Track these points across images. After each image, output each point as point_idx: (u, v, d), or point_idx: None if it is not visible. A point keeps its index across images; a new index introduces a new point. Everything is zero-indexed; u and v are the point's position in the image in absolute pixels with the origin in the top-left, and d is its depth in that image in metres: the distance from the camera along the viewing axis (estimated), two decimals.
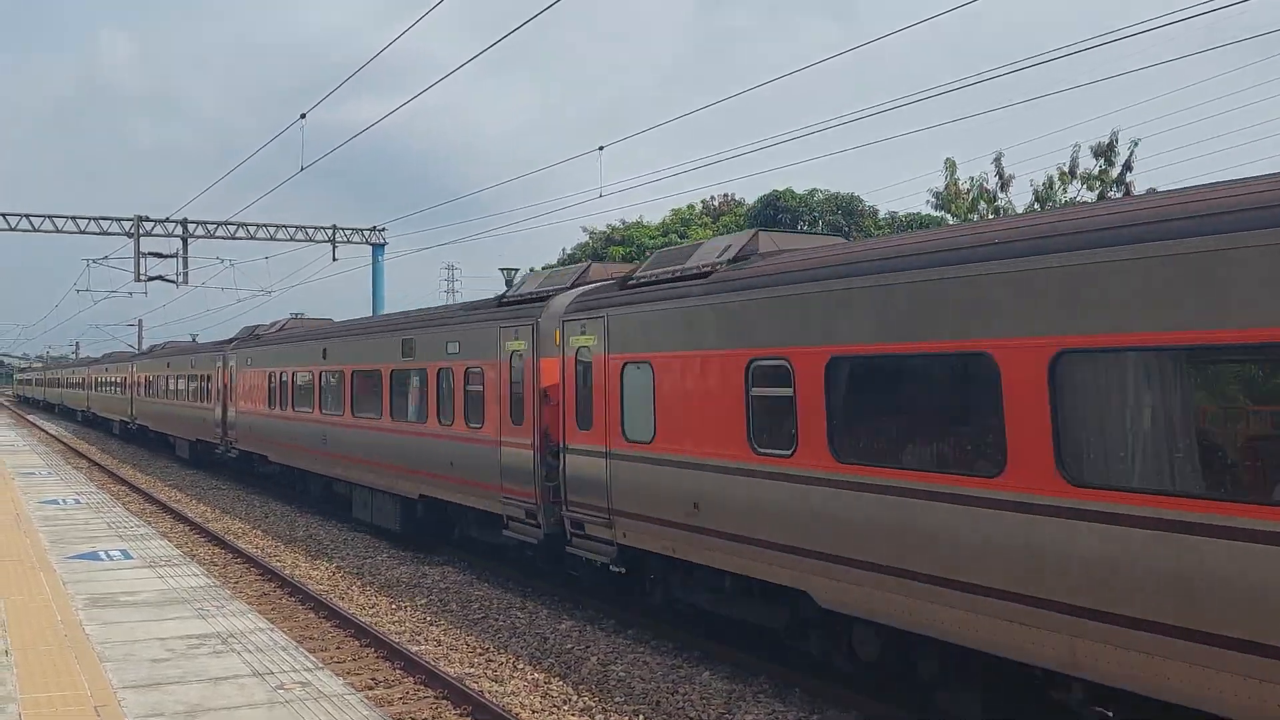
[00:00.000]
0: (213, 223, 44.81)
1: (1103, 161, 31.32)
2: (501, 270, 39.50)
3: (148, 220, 43.50)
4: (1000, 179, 33.61)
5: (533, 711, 9.80)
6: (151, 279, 43.80)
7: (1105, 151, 31.12)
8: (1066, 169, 31.91)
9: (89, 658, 8.57)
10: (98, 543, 14.58)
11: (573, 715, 9.71)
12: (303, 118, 24.97)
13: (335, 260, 47.00)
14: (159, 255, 43.58)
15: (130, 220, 43.25)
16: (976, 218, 32.37)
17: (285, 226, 46.58)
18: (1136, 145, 31.12)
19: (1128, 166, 31.16)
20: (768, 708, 9.74)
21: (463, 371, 16.00)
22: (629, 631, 12.42)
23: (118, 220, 43.71)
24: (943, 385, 8.18)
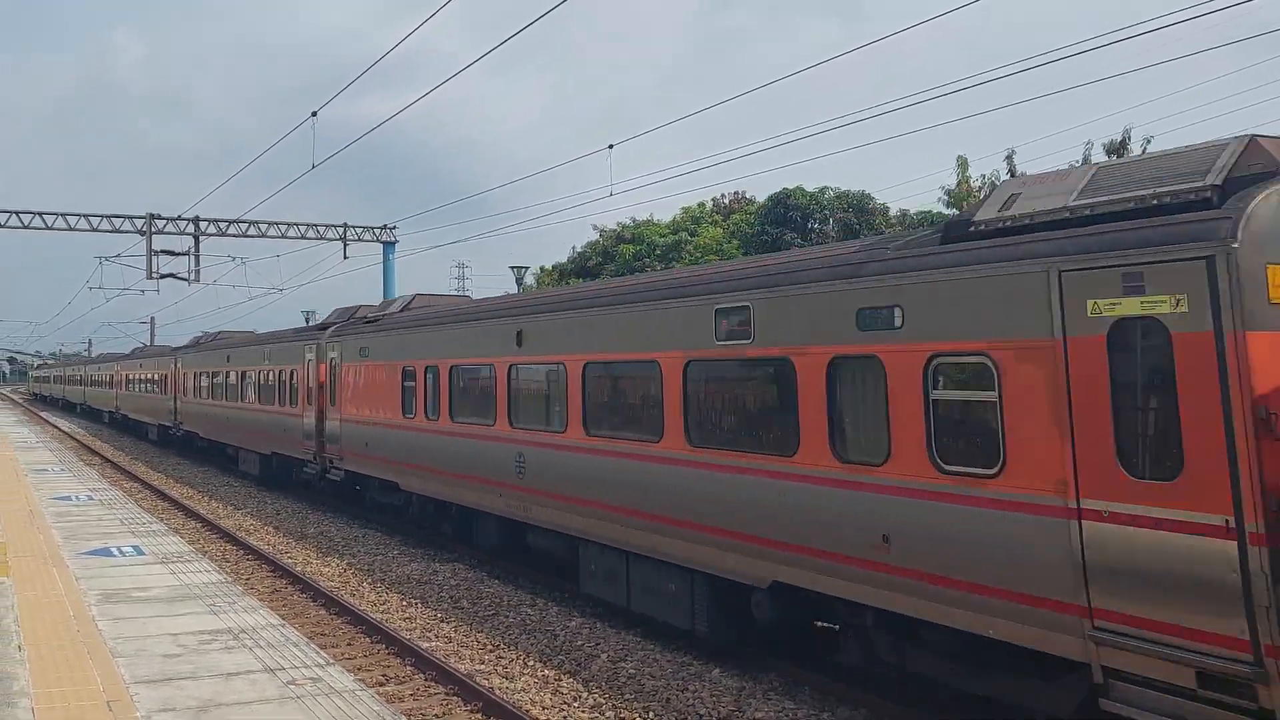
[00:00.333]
0: (224, 220, 45.05)
1: (1114, 159, 31.19)
2: (511, 268, 39.68)
3: (160, 218, 43.65)
4: (1012, 176, 33.55)
5: (543, 708, 9.82)
6: (163, 277, 44.05)
7: (1118, 149, 31.01)
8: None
9: (101, 653, 8.62)
10: (110, 539, 14.65)
11: (583, 712, 9.73)
12: (314, 115, 25.00)
13: (346, 258, 47.23)
14: (170, 253, 43.77)
15: (142, 218, 43.40)
16: None
17: (296, 225, 46.75)
18: (1149, 143, 31.04)
19: None
20: (777, 705, 9.74)
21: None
22: (637, 629, 12.44)
23: (130, 218, 43.93)
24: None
